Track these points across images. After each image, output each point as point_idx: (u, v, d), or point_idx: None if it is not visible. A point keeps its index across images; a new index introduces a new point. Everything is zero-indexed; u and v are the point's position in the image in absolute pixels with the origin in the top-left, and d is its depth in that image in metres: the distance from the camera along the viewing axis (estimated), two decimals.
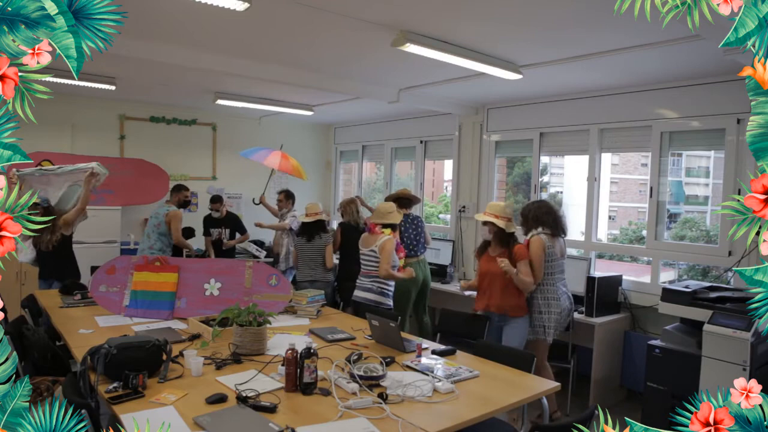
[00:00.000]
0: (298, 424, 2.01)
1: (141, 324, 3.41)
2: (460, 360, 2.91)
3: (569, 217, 4.30)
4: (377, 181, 8.57)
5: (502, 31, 3.35)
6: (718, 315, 3.34)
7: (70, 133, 6.12)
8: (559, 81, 4.55)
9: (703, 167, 11.56)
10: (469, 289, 4.04)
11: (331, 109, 6.53)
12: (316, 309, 3.87)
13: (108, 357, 2.35)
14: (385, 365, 2.60)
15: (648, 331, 4.37)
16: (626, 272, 4.74)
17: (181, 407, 2.15)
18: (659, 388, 3.63)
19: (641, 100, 4.49)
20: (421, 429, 2.03)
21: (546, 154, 5.47)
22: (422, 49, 3.46)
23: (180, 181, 6.72)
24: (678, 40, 3.22)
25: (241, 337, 2.84)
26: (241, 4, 2.82)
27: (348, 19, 3.17)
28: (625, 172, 14.38)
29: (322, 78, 4.72)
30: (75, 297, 3.92)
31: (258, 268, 3.84)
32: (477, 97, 5.48)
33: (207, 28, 3.49)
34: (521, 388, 2.55)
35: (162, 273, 3.74)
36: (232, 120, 7.22)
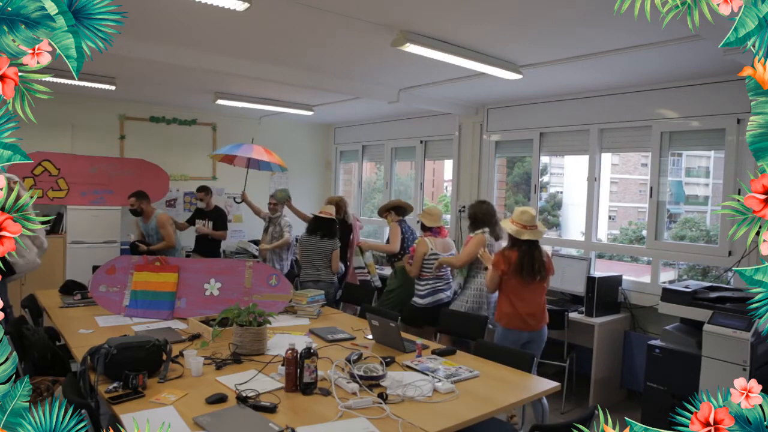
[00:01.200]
0: (298, 424, 2.01)
1: (141, 324, 3.41)
2: (460, 360, 2.91)
3: (569, 217, 4.33)
4: (377, 181, 8.58)
5: (502, 31, 3.35)
6: (718, 315, 3.34)
7: (70, 133, 6.12)
8: (559, 81, 4.55)
9: (703, 167, 11.57)
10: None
11: (331, 109, 6.54)
12: (316, 309, 3.87)
13: (108, 357, 2.35)
14: (385, 365, 2.61)
15: (648, 331, 4.37)
16: (626, 272, 4.74)
17: (181, 407, 2.15)
18: (659, 388, 3.63)
19: (641, 100, 4.50)
20: (421, 429, 2.03)
21: (546, 154, 5.47)
22: (422, 49, 3.46)
23: (180, 181, 6.74)
24: (678, 40, 3.22)
25: (241, 337, 2.84)
26: (241, 4, 2.82)
27: (348, 19, 3.17)
28: (625, 172, 14.39)
29: (322, 78, 4.72)
30: (75, 297, 3.92)
31: (258, 268, 3.84)
32: (477, 97, 5.48)
33: (207, 28, 3.49)
34: (521, 388, 2.55)
35: (162, 273, 3.74)
36: (232, 120, 7.22)
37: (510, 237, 3.56)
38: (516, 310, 3.47)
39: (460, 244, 5.95)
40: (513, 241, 3.52)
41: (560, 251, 5.25)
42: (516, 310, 3.47)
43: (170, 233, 4.88)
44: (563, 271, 4.81)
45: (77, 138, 6.17)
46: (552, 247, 5.41)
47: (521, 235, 3.46)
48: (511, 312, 3.48)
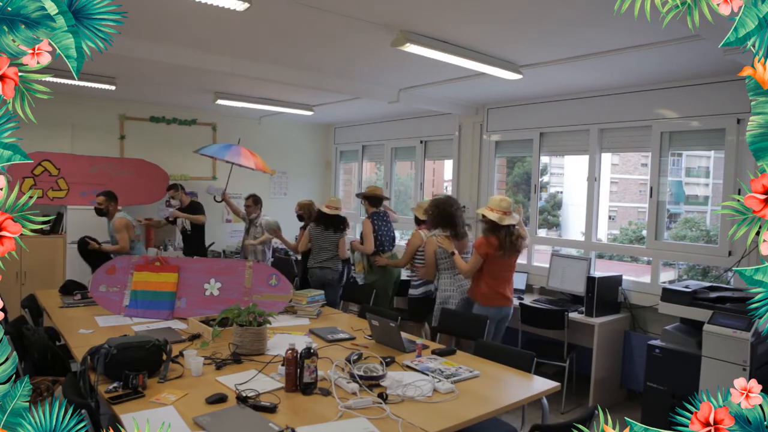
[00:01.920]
0: (298, 424, 2.01)
1: (141, 324, 3.41)
2: (460, 360, 2.91)
3: (569, 217, 4.37)
4: (377, 181, 8.57)
5: (502, 31, 3.35)
6: (718, 315, 3.34)
7: (70, 133, 6.12)
8: (559, 81, 4.55)
9: (703, 167, 11.57)
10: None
11: (331, 109, 6.53)
12: (316, 309, 3.87)
13: (108, 357, 2.35)
14: (385, 365, 2.61)
15: (648, 331, 4.37)
16: (626, 272, 4.73)
17: (181, 407, 2.15)
18: (659, 388, 3.63)
19: (641, 100, 4.49)
20: (421, 429, 2.03)
21: (546, 154, 5.46)
22: (422, 49, 3.46)
23: (180, 181, 6.73)
24: (678, 40, 3.22)
25: (241, 337, 2.84)
26: (241, 4, 2.82)
27: (348, 19, 3.17)
28: (625, 172, 14.39)
29: (322, 78, 4.72)
30: (75, 297, 3.92)
31: (258, 268, 3.84)
32: (477, 97, 5.48)
33: (207, 28, 3.49)
34: (521, 388, 2.56)
35: (162, 273, 3.74)
36: (232, 120, 7.22)
37: (489, 223, 3.84)
38: (494, 289, 3.87)
39: None
40: (493, 226, 3.83)
41: (560, 251, 5.25)
42: (494, 289, 3.87)
43: (125, 238, 4.86)
44: (563, 271, 4.81)
45: (77, 138, 6.17)
46: (552, 247, 5.41)
47: (503, 221, 3.81)
48: (488, 291, 3.87)
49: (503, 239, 3.79)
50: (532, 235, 5.41)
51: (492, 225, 3.82)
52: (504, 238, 3.79)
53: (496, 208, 3.83)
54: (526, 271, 5.26)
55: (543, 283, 5.02)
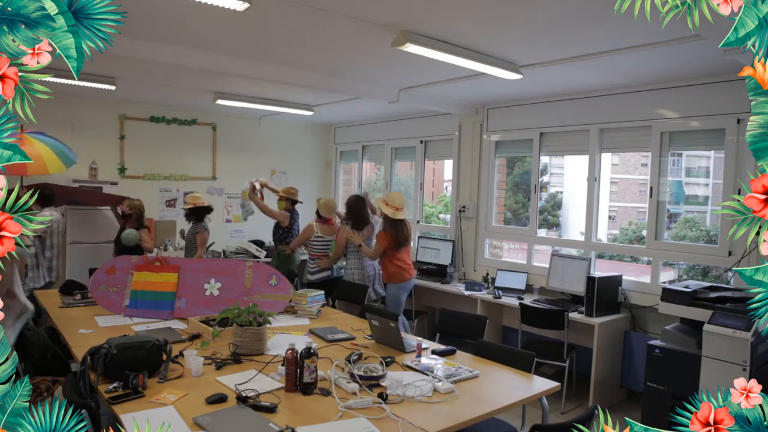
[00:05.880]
0: (298, 424, 2.02)
1: (141, 324, 3.41)
2: (460, 360, 2.91)
3: (569, 217, 4.40)
4: (377, 181, 8.57)
5: (502, 31, 3.35)
6: (718, 315, 3.34)
7: (70, 133, 6.10)
8: (559, 81, 4.55)
9: (703, 167, 11.57)
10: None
11: (331, 109, 6.53)
12: (316, 309, 3.87)
13: (108, 357, 2.36)
14: (385, 365, 2.61)
15: (648, 331, 4.37)
16: (626, 272, 4.73)
17: (181, 407, 2.15)
18: (659, 388, 3.63)
19: (641, 100, 4.49)
20: (421, 429, 2.03)
21: (546, 154, 5.46)
22: (422, 49, 3.46)
23: (180, 180, 6.72)
24: (678, 40, 3.22)
25: (241, 337, 2.84)
26: (241, 4, 2.82)
27: (348, 19, 3.17)
28: (625, 172, 14.39)
29: (322, 78, 4.72)
30: (75, 297, 3.92)
31: (258, 268, 3.84)
32: (477, 97, 5.48)
33: (207, 28, 3.48)
34: (521, 388, 2.56)
35: (162, 273, 3.74)
36: (232, 120, 7.22)
37: (386, 217, 4.69)
38: (399, 267, 4.80)
39: (460, 243, 5.96)
40: (390, 221, 4.67)
41: (560, 251, 5.25)
42: (399, 267, 4.80)
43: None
44: (563, 271, 4.81)
45: (77, 138, 6.15)
46: (552, 247, 5.41)
47: (396, 216, 4.64)
48: (396, 270, 4.80)
49: (398, 235, 4.69)
50: (533, 235, 5.41)
51: (389, 220, 4.66)
52: (398, 234, 4.68)
53: (391, 204, 4.66)
54: (526, 270, 5.27)
55: (543, 283, 5.02)
